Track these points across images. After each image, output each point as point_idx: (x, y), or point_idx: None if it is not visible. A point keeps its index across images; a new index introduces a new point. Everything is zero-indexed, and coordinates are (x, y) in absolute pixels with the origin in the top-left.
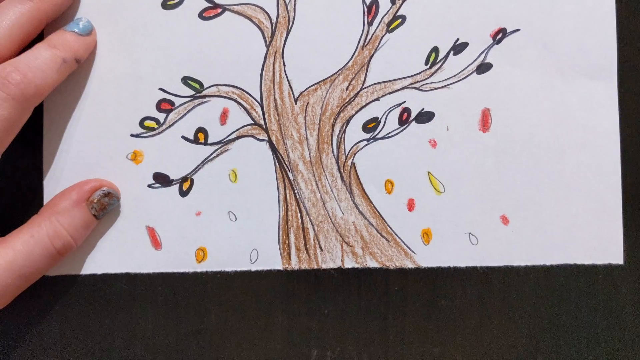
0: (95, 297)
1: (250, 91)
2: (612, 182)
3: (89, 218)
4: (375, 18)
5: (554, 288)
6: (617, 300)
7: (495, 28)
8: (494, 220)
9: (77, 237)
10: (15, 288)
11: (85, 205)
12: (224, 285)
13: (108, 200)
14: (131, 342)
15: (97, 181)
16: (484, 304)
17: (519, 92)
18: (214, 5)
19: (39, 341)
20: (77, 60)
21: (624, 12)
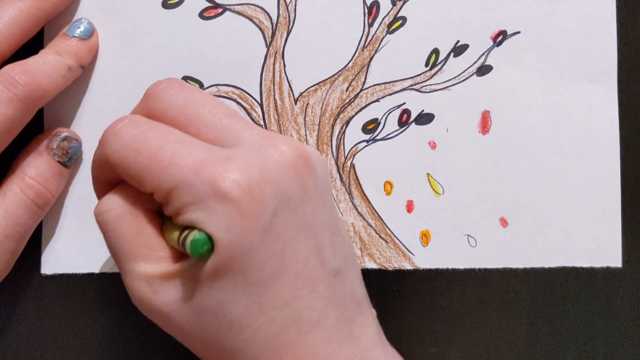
0: (93, 297)
1: (250, 91)
2: (611, 185)
3: (55, 165)
4: (376, 19)
5: (553, 290)
6: (615, 303)
7: (496, 30)
8: (493, 222)
9: (48, 186)
10: (7, 252)
11: (46, 153)
12: None
13: (68, 144)
14: (129, 342)
15: (53, 130)
16: (482, 306)
17: (519, 95)
18: (215, 5)
19: (36, 341)
20: (82, 66)
21: (624, 16)
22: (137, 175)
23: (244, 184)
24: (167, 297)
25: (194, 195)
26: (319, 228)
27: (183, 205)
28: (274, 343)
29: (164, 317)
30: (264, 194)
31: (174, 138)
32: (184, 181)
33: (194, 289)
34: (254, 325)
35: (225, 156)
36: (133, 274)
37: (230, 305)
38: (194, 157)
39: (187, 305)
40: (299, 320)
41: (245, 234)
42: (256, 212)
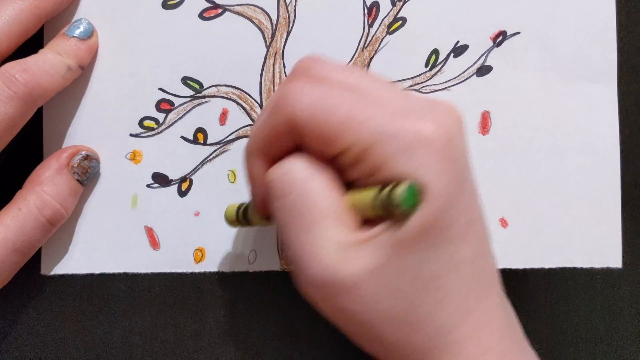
0: (93, 297)
1: (250, 92)
2: (612, 185)
3: (74, 184)
4: (376, 20)
5: (553, 291)
6: (615, 304)
7: (496, 31)
8: (493, 222)
9: (65, 205)
10: (12, 264)
11: (67, 171)
12: (222, 286)
13: (88, 163)
14: (129, 342)
15: (74, 147)
16: None
17: (519, 95)
18: (214, 5)
19: (36, 341)
20: (81, 66)
21: (624, 16)
22: (332, 131)
23: (447, 134)
24: (358, 265)
25: (399, 145)
26: (476, 188)
27: (386, 159)
28: (461, 304)
29: (349, 290)
30: (460, 144)
31: (357, 96)
32: (386, 132)
33: (391, 253)
34: (448, 284)
35: (413, 109)
36: (321, 240)
37: (428, 264)
38: (392, 108)
39: (383, 272)
40: (482, 280)
41: (452, 183)
42: (457, 161)
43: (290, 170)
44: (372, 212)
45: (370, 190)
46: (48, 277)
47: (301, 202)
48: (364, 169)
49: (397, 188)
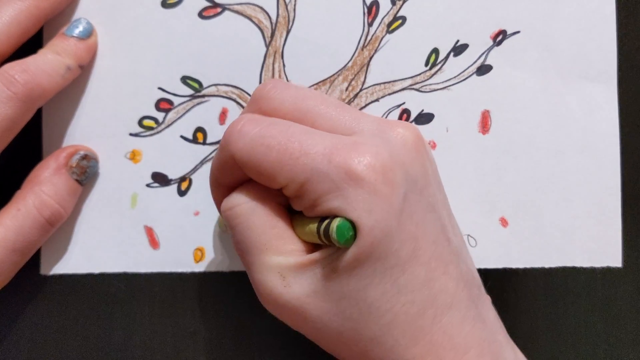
0: (93, 297)
1: (250, 91)
2: (612, 185)
3: (73, 184)
4: (376, 19)
5: (553, 290)
6: (616, 303)
7: (496, 30)
8: (493, 222)
9: (64, 205)
10: (12, 264)
11: (65, 171)
12: (222, 285)
13: (87, 162)
14: (128, 342)
15: (73, 147)
16: None
17: (519, 94)
18: (214, 4)
19: (36, 341)
20: (81, 66)
21: (624, 16)
22: (268, 170)
23: (378, 167)
24: (300, 289)
25: (330, 183)
26: (440, 208)
27: (319, 195)
28: (413, 327)
29: (297, 311)
30: (396, 177)
31: (298, 130)
32: (317, 170)
33: (330, 278)
34: (394, 309)
35: (353, 142)
36: (264, 268)
37: (370, 290)
38: (323, 145)
39: (324, 296)
40: (435, 302)
41: (385, 218)
42: (392, 195)
43: (235, 205)
44: (315, 240)
45: (311, 221)
46: (47, 277)
47: (245, 233)
48: (303, 203)
49: (332, 224)
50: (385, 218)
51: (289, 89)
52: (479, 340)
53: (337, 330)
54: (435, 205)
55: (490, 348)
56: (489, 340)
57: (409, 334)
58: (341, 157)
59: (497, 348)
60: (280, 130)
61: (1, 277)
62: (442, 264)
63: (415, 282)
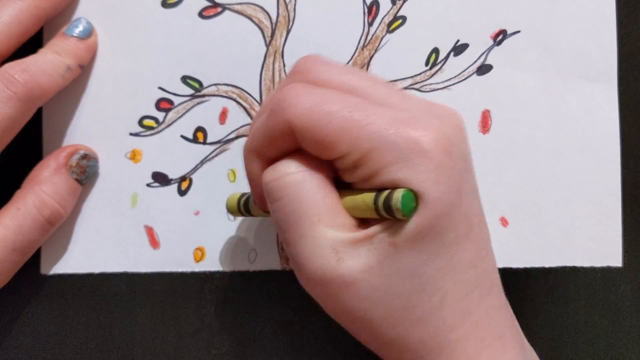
0: (93, 297)
1: (250, 91)
2: (612, 184)
3: (72, 183)
4: (376, 18)
5: (553, 290)
6: (616, 303)
7: (496, 29)
8: (493, 221)
9: (64, 204)
10: (12, 263)
11: (65, 171)
12: (222, 285)
13: (87, 162)
14: (129, 341)
15: (73, 146)
16: None
17: (519, 94)
18: (214, 4)
19: (36, 341)
20: (81, 66)
21: (624, 16)
22: (330, 137)
23: (443, 142)
24: (354, 264)
25: (397, 152)
26: (478, 191)
27: (383, 165)
28: (460, 306)
29: (346, 288)
30: (457, 153)
31: (359, 100)
32: (385, 139)
33: (388, 253)
34: (445, 287)
35: (415, 116)
36: (316, 241)
37: (427, 266)
38: (388, 116)
39: (379, 272)
40: (479, 283)
41: (449, 191)
42: (454, 170)
43: (283, 174)
44: (368, 214)
45: (366, 194)
46: (48, 276)
47: (295, 206)
48: (361, 174)
49: (394, 193)
50: (449, 191)
51: (332, 63)
52: (510, 325)
53: (385, 309)
54: (477, 187)
55: (518, 334)
56: (516, 326)
57: (456, 313)
58: (408, 128)
59: (520, 334)
60: (341, 98)
61: (1, 277)
62: (484, 246)
63: (466, 260)
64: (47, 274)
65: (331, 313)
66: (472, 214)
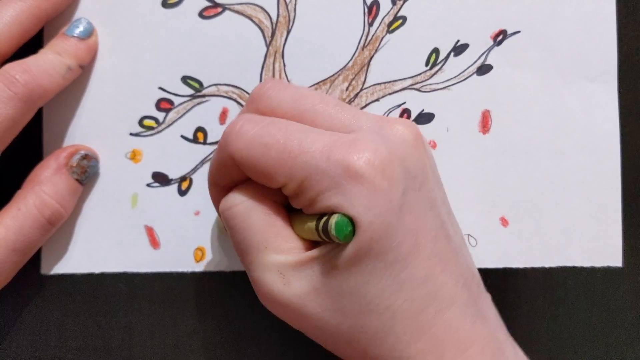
0: (93, 297)
1: (250, 91)
2: (612, 184)
3: (73, 183)
4: (376, 19)
5: (553, 290)
6: (616, 303)
7: (496, 30)
8: (493, 222)
9: (64, 205)
10: (12, 264)
11: (65, 171)
12: (222, 285)
13: (87, 162)
14: (129, 341)
15: (73, 146)
16: None
17: (519, 94)
18: (214, 4)
19: (36, 341)
20: (81, 66)
21: (624, 16)
22: (267, 169)
23: (377, 164)
24: (300, 286)
25: (329, 180)
26: (439, 205)
27: (318, 193)
28: (414, 322)
29: (297, 309)
30: (395, 173)
31: (296, 128)
32: (316, 167)
33: (330, 275)
34: (395, 305)
35: (352, 139)
36: (264, 266)
37: (370, 286)
38: (321, 143)
39: (323, 293)
40: (436, 298)
41: (384, 213)
42: (390, 190)
43: (232, 205)
44: (314, 237)
45: (309, 218)
46: (48, 276)
47: (244, 233)
48: (303, 201)
49: (330, 220)
50: (385, 213)
51: (287, 88)
52: (480, 337)
53: (338, 327)
54: (434, 202)
55: (491, 345)
56: (490, 337)
57: (410, 329)
58: (340, 154)
59: (497, 345)
60: (278, 129)
61: (1, 277)
62: (442, 260)
63: (415, 278)
64: (47, 274)
65: (295, 327)
66: (422, 230)
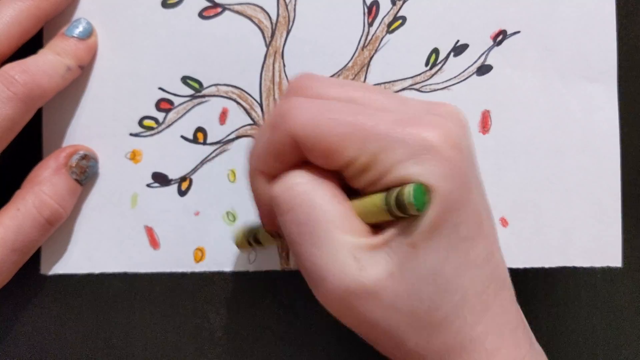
0: (93, 297)
1: (250, 91)
2: (612, 185)
3: (72, 184)
4: (376, 19)
5: (552, 290)
6: (615, 303)
7: (496, 30)
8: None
9: (63, 205)
10: (12, 263)
11: (65, 171)
12: (222, 285)
13: (86, 162)
14: (128, 342)
15: (73, 147)
16: None
17: (519, 94)
18: (214, 4)
19: (36, 341)
20: (81, 66)
21: (624, 16)
22: (337, 143)
23: (450, 138)
24: (375, 271)
25: (406, 149)
26: (484, 187)
27: (393, 163)
28: (478, 302)
29: (370, 298)
30: (465, 148)
31: (359, 107)
32: (393, 137)
33: (407, 256)
34: (465, 284)
35: (420, 116)
36: (335, 249)
37: (446, 264)
38: (392, 117)
39: (400, 277)
40: (494, 278)
41: (459, 184)
42: (463, 164)
43: (294, 184)
44: (381, 217)
45: (376, 196)
46: (48, 276)
47: (308, 214)
48: (370, 177)
49: (404, 189)
50: (460, 186)
51: (326, 78)
52: (521, 318)
53: (408, 316)
54: (482, 183)
55: (527, 329)
56: (525, 320)
57: (475, 310)
58: (414, 126)
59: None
60: (342, 106)
61: (1, 277)
62: (495, 240)
63: (481, 256)
64: (47, 274)
65: (352, 325)
66: (481, 208)
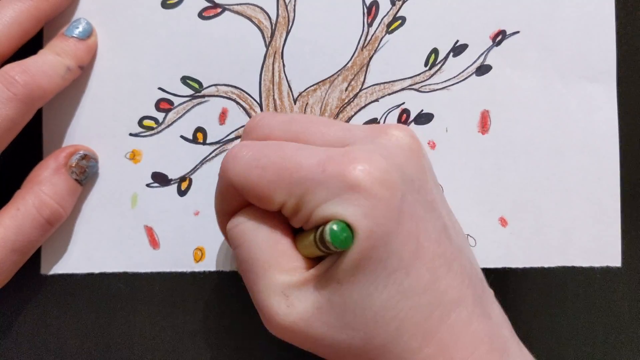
0: (93, 297)
1: (250, 91)
2: (611, 185)
3: (72, 183)
4: (375, 19)
5: (552, 290)
6: (615, 303)
7: (495, 30)
8: (493, 222)
9: (63, 205)
10: (12, 263)
11: (65, 171)
12: (222, 285)
13: (86, 162)
14: (128, 342)
15: (73, 146)
16: None
17: (519, 94)
18: (214, 4)
19: (36, 341)
20: (81, 67)
21: (624, 16)
22: (265, 190)
23: (374, 171)
24: (304, 307)
25: (326, 191)
26: (439, 207)
27: (315, 205)
28: (421, 329)
29: (303, 331)
30: (393, 178)
31: (290, 147)
32: (313, 181)
33: (333, 291)
34: (400, 315)
35: (346, 151)
36: (268, 287)
37: (374, 298)
38: (317, 158)
39: (328, 310)
40: (441, 302)
41: (383, 220)
42: (388, 197)
43: (238, 223)
44: (316, 252)
45: (310, 232)
46: (48, 276)
47: (249, 253)
48: (301, 217)
49: (325, 227)
50: (384, 220)
51: (276, 116)
52: (487, 337)
53: (346, 343)
54: (434, 204)
55: (498, 343)
56: (496, 335)
57: (418, 336)
58: (336, 165)
59: (503, 343)
60: (273, 150)
61: (1, 277)
62: (446, 262)
63: (420, 284)
64: (47, 274)
65: (305, 349)
66: (423, 233)
